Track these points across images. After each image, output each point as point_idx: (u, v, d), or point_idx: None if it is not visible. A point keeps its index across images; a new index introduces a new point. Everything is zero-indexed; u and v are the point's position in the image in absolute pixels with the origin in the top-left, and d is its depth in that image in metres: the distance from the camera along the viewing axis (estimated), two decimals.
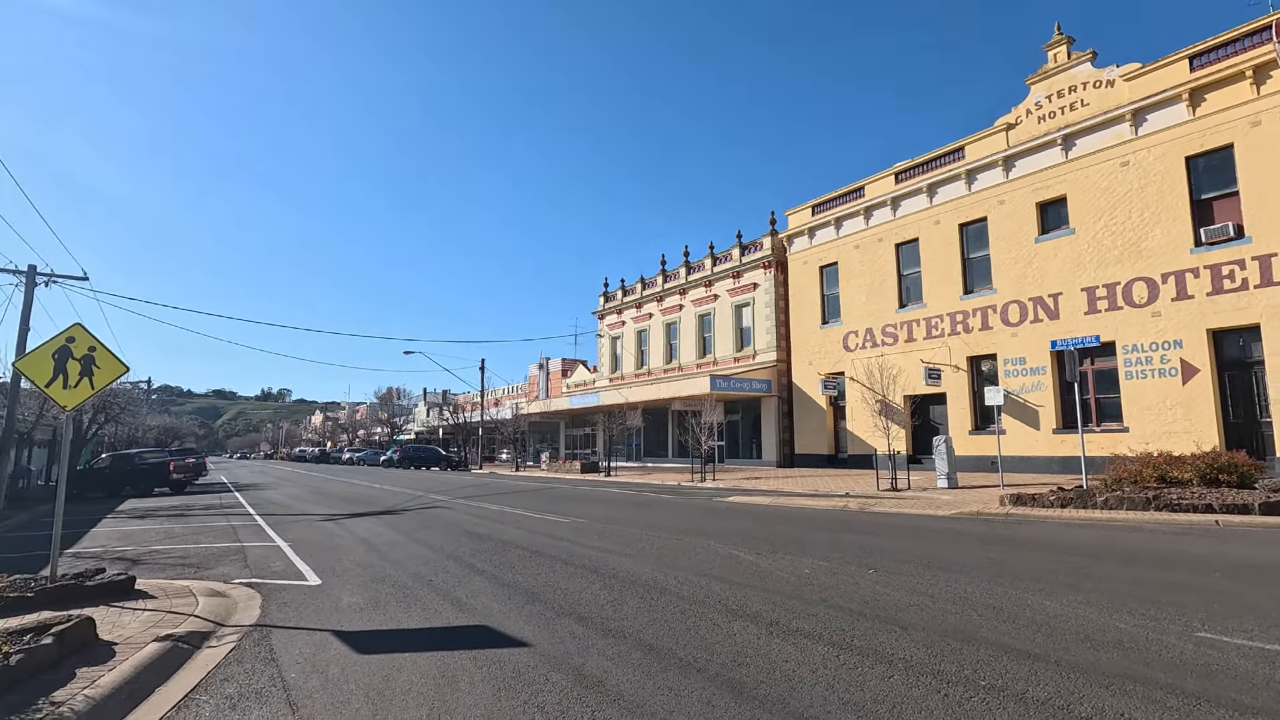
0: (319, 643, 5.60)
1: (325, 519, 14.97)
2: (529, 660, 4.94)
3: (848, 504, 16.09)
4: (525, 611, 6.43)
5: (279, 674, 4.83)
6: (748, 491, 19.44)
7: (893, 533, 11.36)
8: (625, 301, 43.16)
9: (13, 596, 6.29)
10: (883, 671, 4.50)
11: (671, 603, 6.62)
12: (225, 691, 4.55)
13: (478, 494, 22.14)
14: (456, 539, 11.22)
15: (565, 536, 11.28)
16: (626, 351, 42.90)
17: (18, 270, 20.45)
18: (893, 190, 27.97)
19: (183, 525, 14.52)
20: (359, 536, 11.82)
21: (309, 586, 7.93)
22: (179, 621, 6.09)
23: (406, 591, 7.47)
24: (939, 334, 25.96)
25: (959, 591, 6.77)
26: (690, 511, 15.55)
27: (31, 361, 7.35)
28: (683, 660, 4.84)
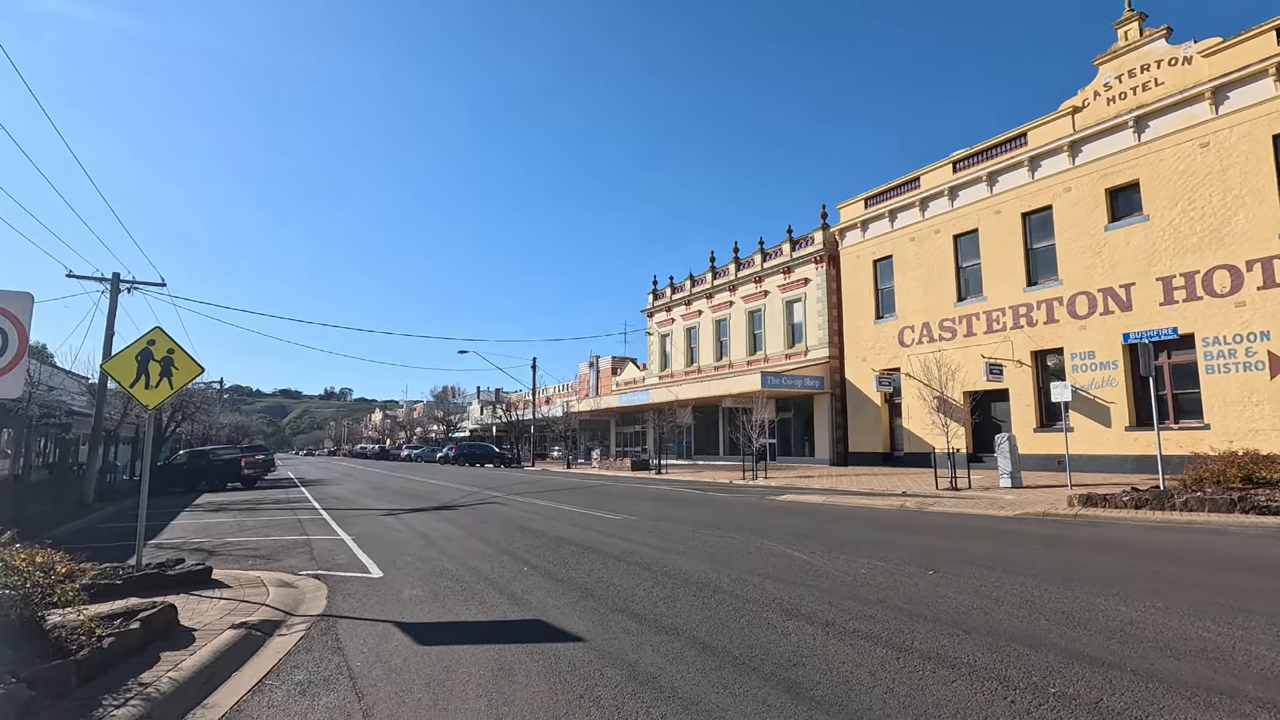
0: (382, 633, 5.79)
1: (385, 514, 15.46)
2: (583, 655, 4.99)
3: (905, 503, 15.69)
4: (579, 607, 6.49)
5: (345, 663, 5.01)
6: (800, 490, 19.16)
7: (953, 533, 11.02)
8: (674, 299, 43.09)
9: (104, 584, 6.71)
10: (945, 676, 4.37)
11: (725, 601, 6.58)
12: (295, 678, 4.74)
13: (530, 490, 22.49)
14: (511, 534, 11.42)
15: (617, 533, 11.34)
16: (676, 349, 42.84)
17: (104, 278, 21.78)
18: (950, 180, 27.08)
19: (253, 518, 15.22)
20: (418, 531, 12.17)
21: (371, 579, 8.20)
22: (252, 610, 6.38)
23: (464, 585, 7.64)
24: (1000, 328, 25.03)
25: (1025, 595, 6.52)
26: (742, 509, 15.42)
27: (117, 363, 7.82)
28: (737, 658, 4.81)
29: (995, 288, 25.29)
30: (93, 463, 20.99)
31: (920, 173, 28.52)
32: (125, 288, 22.11)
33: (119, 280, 21.98)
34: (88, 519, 16.13)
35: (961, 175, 26.62)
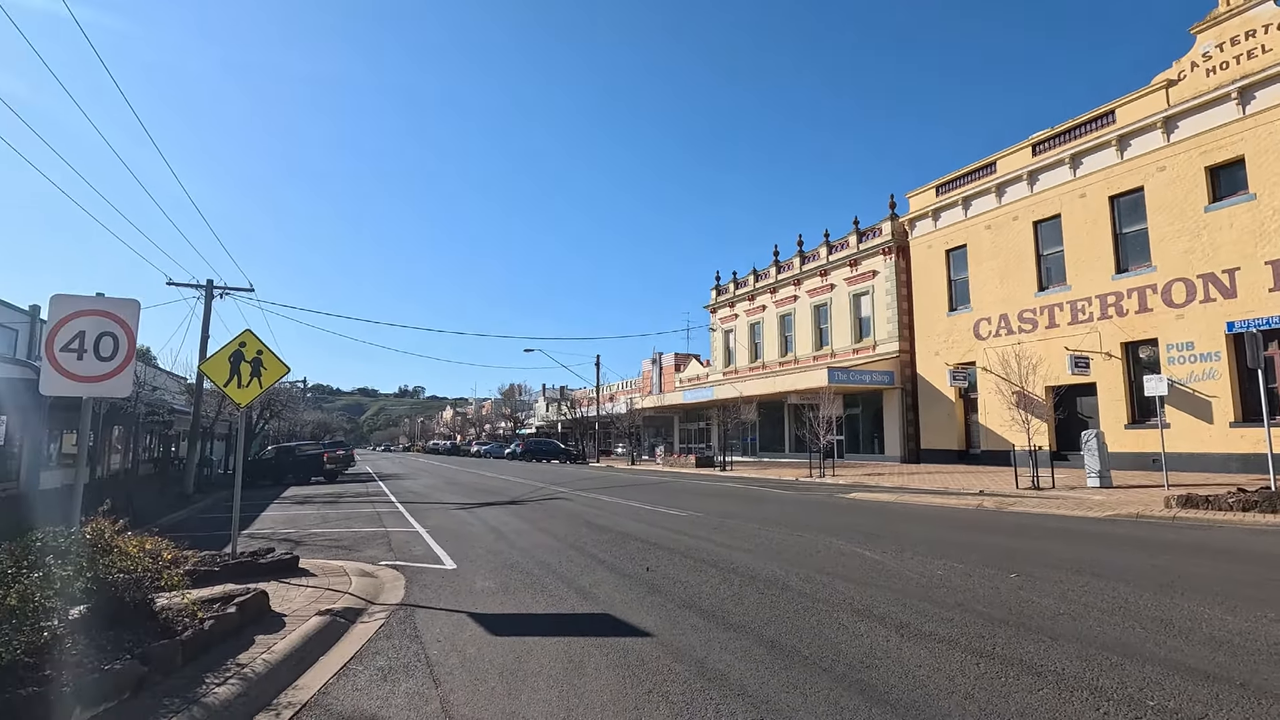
0: (456, 624, 5.98)
1: (458, 507, 15.95)
2: (652, 650, 5.01)
3: (982, 503, 15.06)
4: (646, 602, 6.52)
5: (423, 651, 5.20)
6: (870, 488, 18.64)
7: (1036, 535, 10.50)
8: (738, 294, 42.66)
9: (203, 570, 7.19)
10: (1030, 683, 4.17)
11: (793, 600, 6.48)
12: (377, 664, 4.95)
13: (595, 487, 22.75)
14: (578, 530, 11.59)
15: (682, 530, 11.34)
16: (740, 345, 42.42)
17: (199, 285, 23.31)
18: (1029, 164, 25.76)
19: (335, 511, 15.99)
20: (489, 525, 12.50)
21: (446, 571, 8.48)
22: (336, 598, 6.71)
23: (534, 578, 7.80)
24: (1086, 318, 23.65)
25: (1118, 601, 6.15)
26: (810, 507, 15.15)
27: (212, 364, 8.35)
28: (807, 658, 4.72)
29: (1080, 276, 23.91)
30: (191, 458, 22.52)
31: (996, 157, 27.24)
32: (218, 293, 23.60)
33: (212, 287, 23.47)
34: (188, 510, 17.32)
35: (1042, 158, 25.28)
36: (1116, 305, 22.65)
